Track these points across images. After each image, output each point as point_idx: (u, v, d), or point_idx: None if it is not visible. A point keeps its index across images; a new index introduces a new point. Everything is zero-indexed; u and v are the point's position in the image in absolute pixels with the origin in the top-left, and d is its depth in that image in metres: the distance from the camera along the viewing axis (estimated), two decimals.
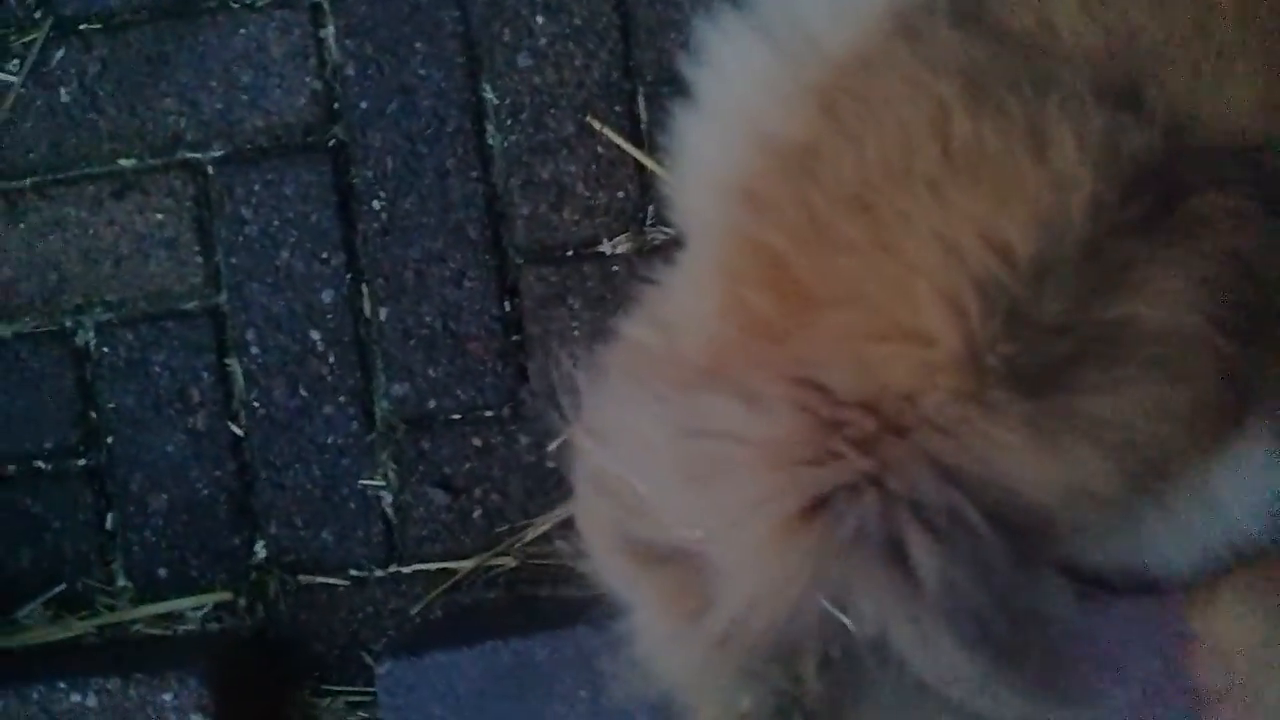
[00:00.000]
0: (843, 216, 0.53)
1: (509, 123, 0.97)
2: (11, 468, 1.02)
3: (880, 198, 0.52)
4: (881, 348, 0.51)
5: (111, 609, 1.02)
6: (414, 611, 0.98)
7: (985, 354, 0.49)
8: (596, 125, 0.95)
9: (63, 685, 0.92)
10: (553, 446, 0.96)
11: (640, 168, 0.95)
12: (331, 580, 1.00)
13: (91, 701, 0.91)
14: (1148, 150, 0.50)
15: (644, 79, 0.95)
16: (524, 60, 0.96)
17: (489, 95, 0.97)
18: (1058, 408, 0.49)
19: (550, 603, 0.97)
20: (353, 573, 1.00)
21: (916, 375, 0.50)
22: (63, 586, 1.02)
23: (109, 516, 1.02)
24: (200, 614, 1.01)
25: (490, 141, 0.97)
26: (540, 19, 0.96)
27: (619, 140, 0.95)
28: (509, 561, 0.98)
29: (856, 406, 0.50)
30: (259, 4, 0.97)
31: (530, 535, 0.97)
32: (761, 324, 0.55)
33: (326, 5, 0.97)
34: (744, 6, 0.64)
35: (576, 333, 0.97)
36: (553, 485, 0.98)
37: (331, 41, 0.97)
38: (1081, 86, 0.51)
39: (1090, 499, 0.51)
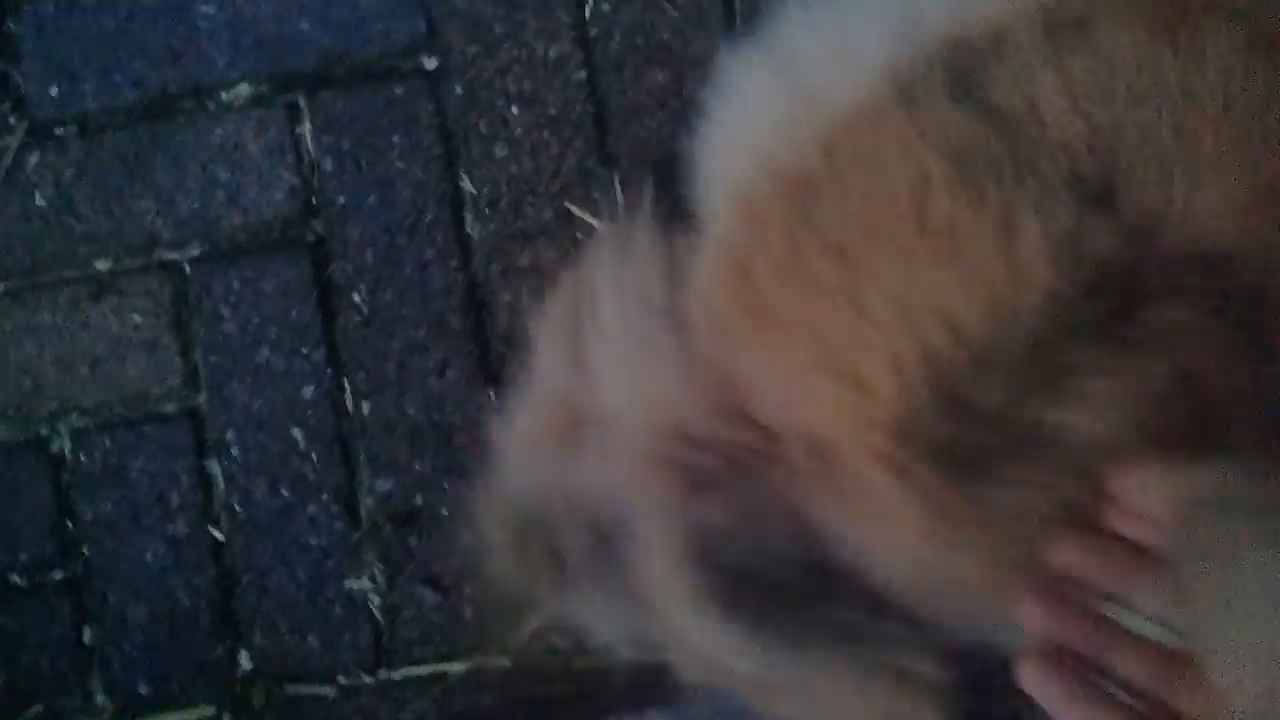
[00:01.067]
0: (821, 256, 0.55)
1: (487, 212, 0.96)
2: None
3: (857, 249, 0.54)
4: (823, 383, 0.53)
5: None
6: (426, 715, 0.94)
7: (917, 423, 0.49)
8: (574, 210, 0.94)
9: None
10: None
11: None
12: (319, 690, 0.96)
13: None
14: (1113, 252, 0.49)
15: (619, 164, 0.95)
16: (500, 150, 0.96)
17: (467, 185, 0.96)
18: (971, 498, 0.50)
19: (547, 704, 0.93)
20: (341, 680, 0.96)
21: (846, 419, 0.52)
22: (39, 707, 0.98)
23: (86, 630, 0.98)
24: None
25: (469, 230, 0.96)
26: (515, 109, 0.95)
27: (597, 224, 0.94)
28: (503, 661, 0.94)
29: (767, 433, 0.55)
30: (235, 103, 0.97)
31: (525, 633, 0.94)
32: (724, 327, 0.59)
33: (303, 102, 0.97)
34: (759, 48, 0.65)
35: None
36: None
37: (308, 137, 0.97)
38: (1057, 180, 0.50)
39: (954, 588, 0.53)
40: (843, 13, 0.60)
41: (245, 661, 0.97)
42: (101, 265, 0.99)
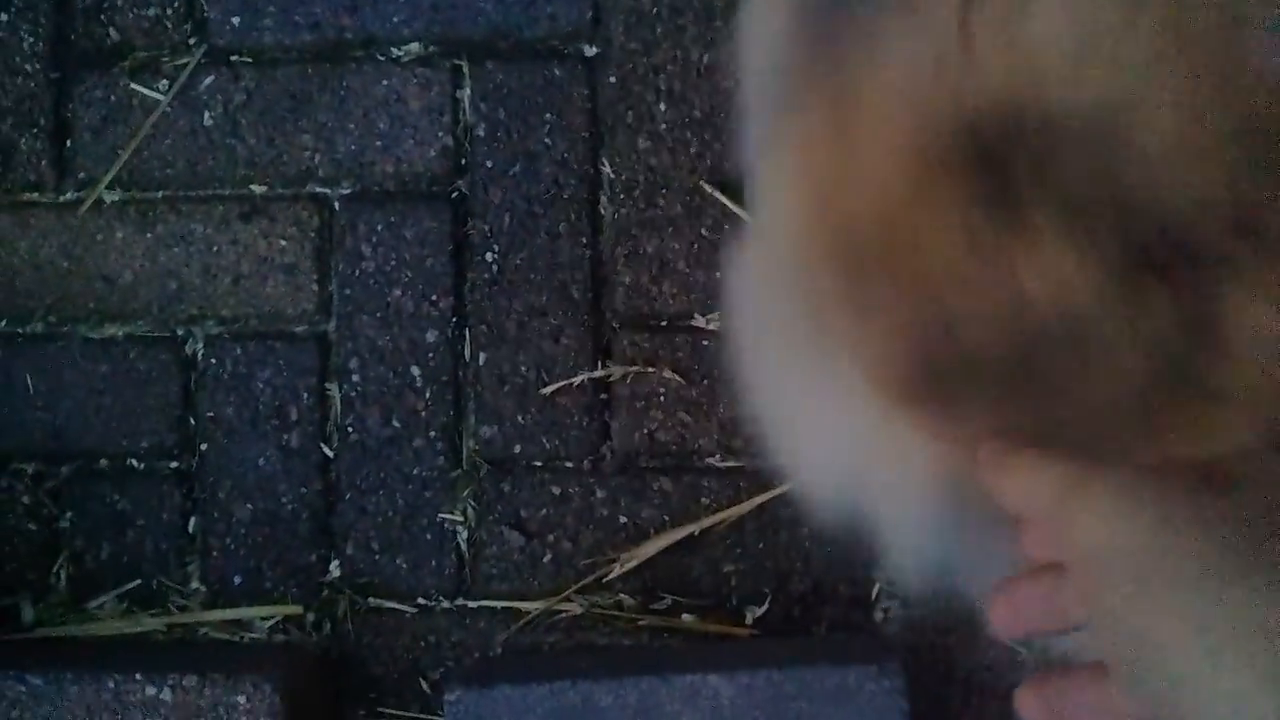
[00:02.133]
0: None
1: (621, 197, 1.03)
2: (104, 462, 1.07)
3: None
4: None
5: (184, 609, 1.06)
6: (493, 643, 1.03)
7: None
8: (708, 189, 1.02)
9: (139, 677, 0.96)
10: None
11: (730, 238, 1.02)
12: (400, 606, 1.05)
13: (166, 695, 0.95)
14: None
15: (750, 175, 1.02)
16: (643, 142, 1.03)
17: (606, 169, 1.03)
18: None
19: (611, 651, 1.01)
20: (421, 601, 1.05)
21: None
22: (138, 582, 1.07)
23: (192, 520, 1.07)
24: (268, 624, 1.06)
25: (602, 212, 1.04)
26: (663, 105, 1.03)
27: (728, 202, 1.01)
28: (574, 608, 1.03)
29: None
30: (404, 59, 1.04)
31: (598, 582, 1.03)
32: None
33: (466, 68, 1.04)
34: None
35: (662, 398, 1.03)
36: (622, 540, 1.03)
37: (467, 102, 1.04)
38: None
39: None
40: None
41: (335, 570, 1.05)
42: (256, 188, 1.06)
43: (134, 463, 1.07)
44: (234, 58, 1.06)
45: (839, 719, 0.91)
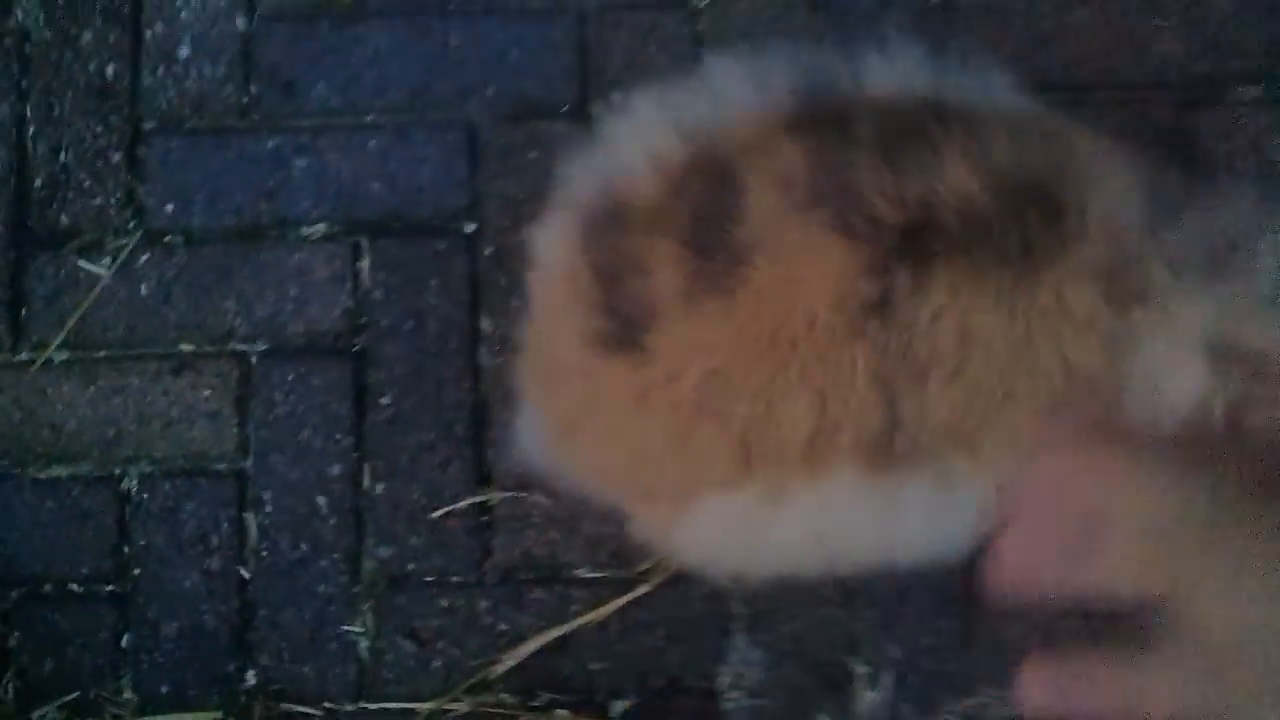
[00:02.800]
0: None
1: (497, 348, 1.22)
2: (48, 587, 1.22)
3: None
4: None
5: (117, 718, 1.20)
6: None
7: None
8: None
9: None
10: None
11: None
12: (308, 710, 1.19)
13: None
14: None
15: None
16: (514, 301, 1.22)
17: (484, 326, 1.22)
18: None
19: None
20: (327, 705, 1.19)
21: None
22: (77, 694, 1.21)
23: (125, 637, 1.21)
24: None
25: (481, 361, 1.22)
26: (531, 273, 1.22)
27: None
28: (462, 707, 1.18)
29: None
30: (312, 237, 1.23)
31: (482, 682, 1.18)
32: None
33: (365, 244, 1.23)
34: None
35: (535, 518, 1.20)
36: (503, 644, 1.18)
37: (365, 272, 1.23)
38: None
39: None
40: None
41: (251, 678, 1.20)
42: (185, 347, 1.24)
43: (74, 587, 1.22)
44: (167, 238, 1.25)
45: None
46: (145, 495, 1.23)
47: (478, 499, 1.20)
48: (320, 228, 1.24)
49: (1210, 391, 0.74)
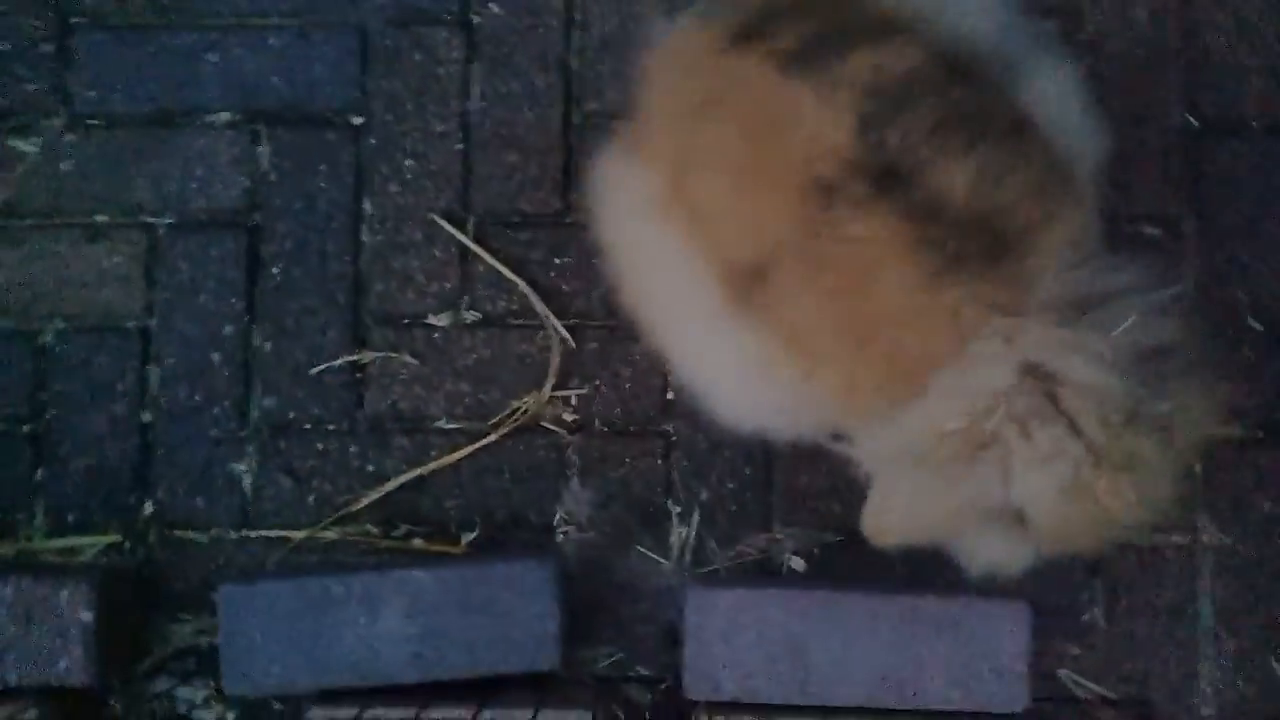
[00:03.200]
0: None
1: (377, 227, 1.40)
2: None
3: None
4: None
5: (29, 539, 1.36)
6: (268, 563, 1.35)
7: None
8: (440, 222, 1.38)
9: None
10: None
11: (463, 267, 1.38)
12: (196, 536, 1.36)
13: (8, 590, 1.25)
14: None
15: (476, 211, 1.39)
16: (394, 187, 1.40)
17: (367, 207, 1.40)
18: None
19: (356, 568, 1.34)
20: (213, 532, 1.37)
21: None
22: None
23: (39, 471, 1.38)
24: (94, 550, 1.36)
25: (363, 238, 1.40)
26: (409, 161, 1.40)
27: (455, 232, 1.38)
28: (331, 535, 1.35)
29: None
30: (217, 124, 1.41)
31: (350, 515, 1.36)
32: None
33: (264, 132, 1.40)
34: None
35: (404, 376, 1.38)
36: (370, 484, 1.36)
37: (263, 156, 1.40)
38: None
39: None
40: None
41: (148, 508, 1.37)
42: (100, 218, 1.40)
43: None
44: (90, 121, 1.41)
45: (507, 598, 1.25)
46: (60, 348, 1.39)
47: (353, 358, 1.38)
48: (224, 116, 1.41)
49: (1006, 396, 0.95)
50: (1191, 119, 1.37)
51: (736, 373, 1.07)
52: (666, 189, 1.03)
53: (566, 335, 1.37)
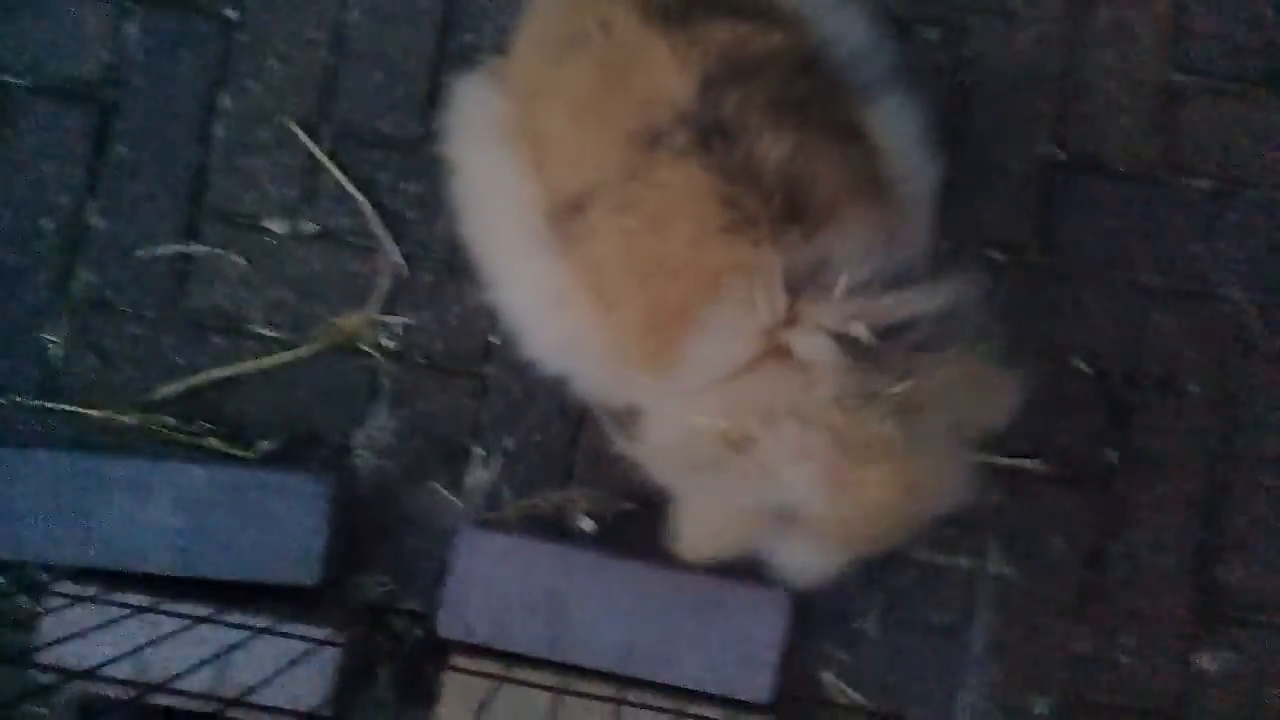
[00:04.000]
0: None
1: (231, 123, 1.38)
2: None
3: None
4: None
5: None
6: (62, 438, 1.34)
7: None
8: (292, 127, 1.37)
9: None
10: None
11: (309, 177, 1.37)
12: None
13: None
14: None
15: (333, 123, 1.38)
16: (254, 86, 1.39)
17: (225, 101, 1.39)
18: None
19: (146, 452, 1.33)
20: (15, 398, 1.35)
21: None
22: None
23: None
24: None
25: (215, 132, 1.38)
26: (275, 63, 1.39)
27: (308, 141, 1.37)
28: (129, 420, 1.34)
29: None
30: None
31: (151, 402, 1.34)
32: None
33: (136, 9, 1.39)
34: None
35: (230, 276, 1.37)
36: (177, 376, 1.35)
37: (131, 34, 1.39)
38: None
39: None
40: None
41: None
42: None
43: None
44: None
45: (278, 508, 1.24)
46: None
47: (183, 249, 1.37)
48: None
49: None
50: (1058, 150, 1.38)
51: (547, 302, 1.07)
52: (516, 115, 1.04)
53: (401, 262, 1.36)
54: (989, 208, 1.35)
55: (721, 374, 0.93)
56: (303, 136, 1.38)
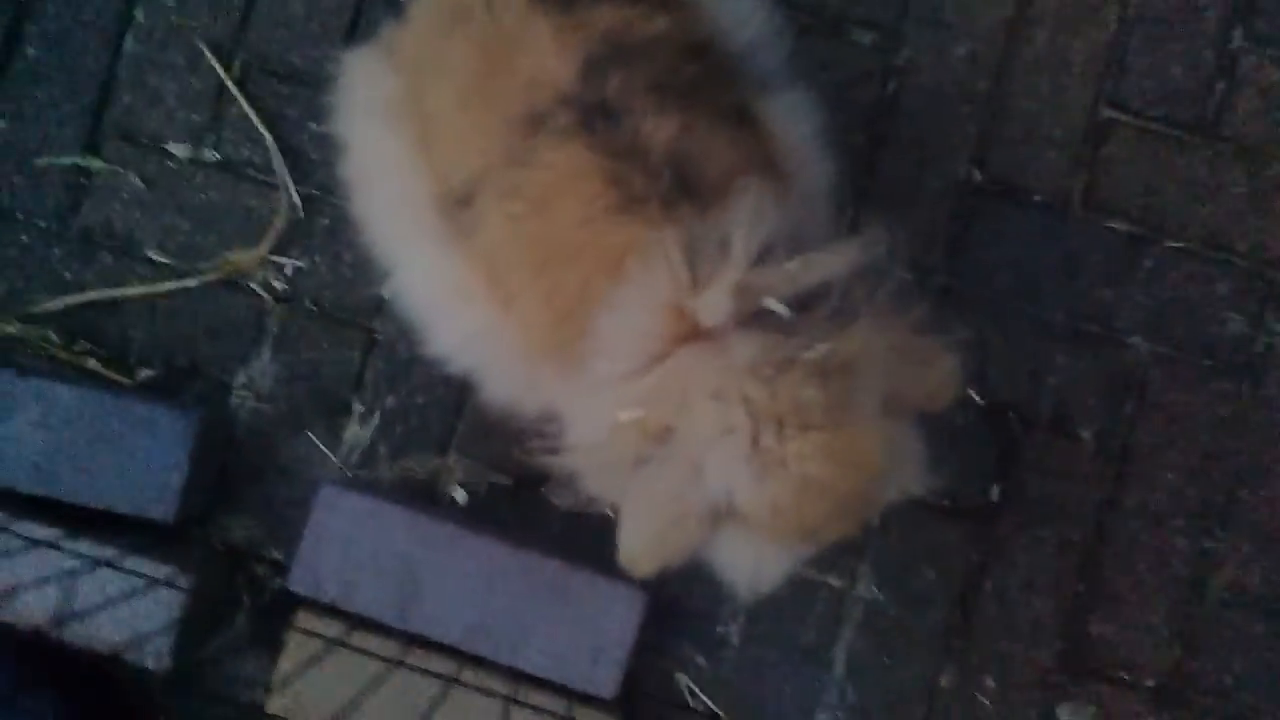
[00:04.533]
0: None
1: (143, 38, 1.34)
2: None
3: None
4: None
5: None
6: None
7: None
8: (204, 49, 1.32)
9: None
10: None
11: (217, 104, 1.33)
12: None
13: None
14: None
15: (246, 52, 1.34)
16: (170, 2, 1.34)
17: (139, 15, 1.34)
18: None
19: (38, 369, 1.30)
20: None
21: None
22: None
23: None
24: None
25: (126, 46, 1.34)
26: None
27: (218, 66, 1.32)
28: (10, 330, 1.31)
29: None
30: None
31: (33, 315, 1.31)
32: None
33: None
34: None
35: (127, 197, 1.33)
36: (64, 292, 1.32)
37: None
38: None
39: None
40: None
41: None
42: None
43: None
44: None
45: (141, 440, 1.21)
46: None
47: (82, 162, 1.33)
48: None
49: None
50: (976, 171, 1.33)
51: (446, 295, 1.03)
52: (405, 93, 1.00)
53: (298, 202, 1.32)
54: (902, 224, 1.30)
55: (632, 362, 0.89)
56: (212, 60, 1.33)
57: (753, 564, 0.94)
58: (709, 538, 0.90)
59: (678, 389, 0.83)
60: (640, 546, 0.93)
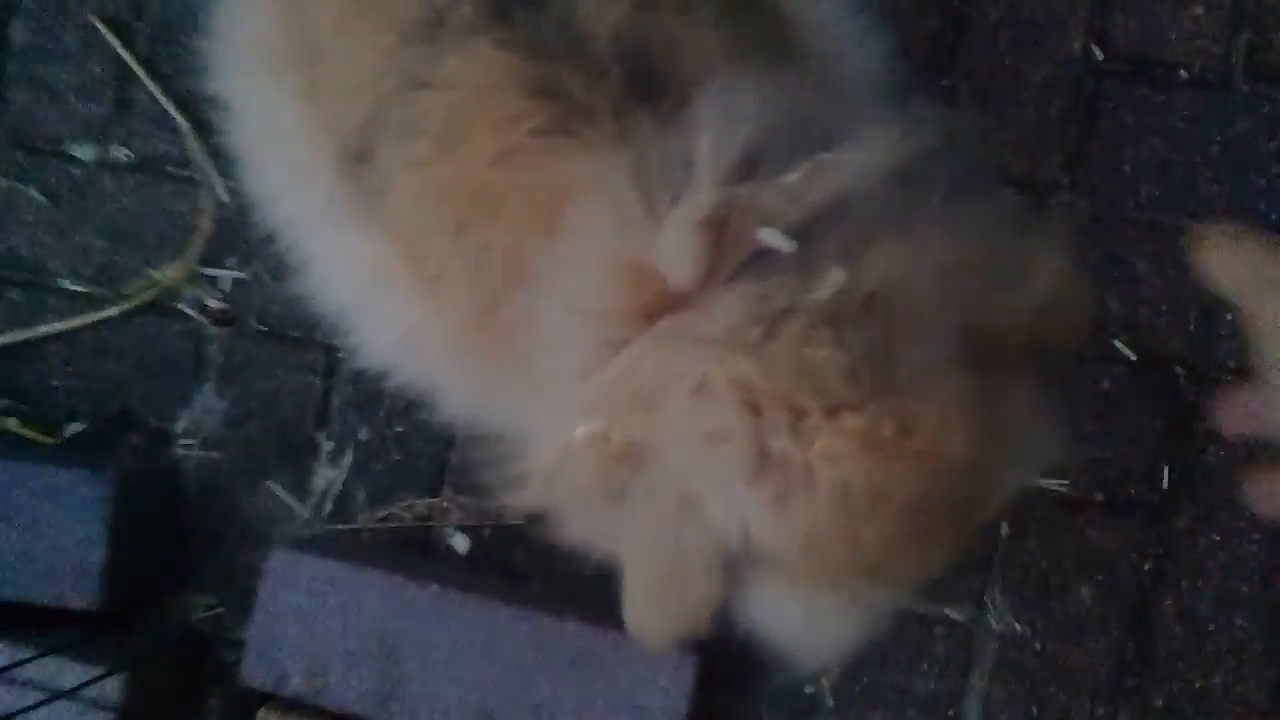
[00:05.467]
0: None
1: (33, 24, 1.10)
2: None
3: None
4: None
5: None
6: None
7: None
8: (101, 27, 1.08)
9: None
10: None
11: (121, 90, 1.09)
12: None
13: None
14: None
15: (150, 23, 1.09)
16: None
17: (25, 1, 1.11)
18: None
19: None
20: None
21: None
22: None
23: None
24: None
25: (13, 36, 1.11)
26: None
27: (116, 44, 1.08)
28: None
29: None
30: None
31: None
32: None
33: None
34: None
35: (29, 216, 1.10)
36: None
37: None
38: None
39: None
40: None
41: None
42: None
43: None
44: None
45: (47, 509, 0.97)
46: None
47: None
48: None
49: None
50: (1096, 48, 0.98)
51: (365, 285, 0.76)
52: (285, 28, 0.73)
53: (226, 198, 1.07)
54: (1001, 132, 0.97)
55: (581, 353, 0.60)
56: (110, 38, 1.09)
57: (804, 624, 0.62)
58: (730, 592, 0.60)
59: (645, 387, 0.53)
60: (649, 611, 0.62)
